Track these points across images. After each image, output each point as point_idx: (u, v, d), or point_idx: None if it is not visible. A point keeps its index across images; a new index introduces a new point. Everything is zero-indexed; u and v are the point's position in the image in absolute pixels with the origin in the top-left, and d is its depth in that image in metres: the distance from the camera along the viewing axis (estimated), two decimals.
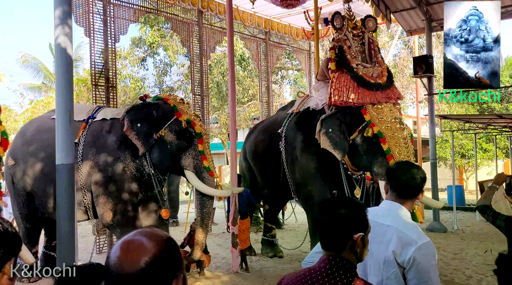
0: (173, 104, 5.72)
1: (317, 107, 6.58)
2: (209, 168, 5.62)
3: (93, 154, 5.78)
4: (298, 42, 13.71)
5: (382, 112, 5.58)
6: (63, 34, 3.74)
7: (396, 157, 5.31)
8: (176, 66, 20.71)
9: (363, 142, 5.59)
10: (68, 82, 3.76)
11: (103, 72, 8.22)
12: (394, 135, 5.42)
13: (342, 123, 5.75)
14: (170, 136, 5.60)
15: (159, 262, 1.04)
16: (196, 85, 10.38)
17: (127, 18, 8.80)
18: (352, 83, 5.74)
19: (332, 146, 5.70)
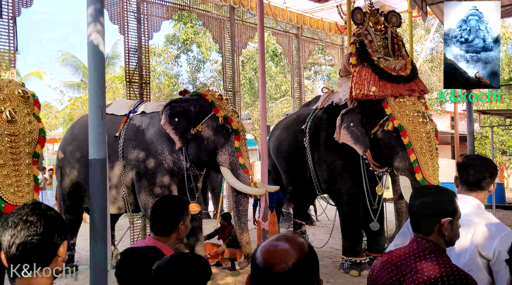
0: (211, 100, 5.71)
1: (340, 102, 6.52)
2: (245, 165, 5.58)
3: (133, 147, 5.93)
4: (330, 37, 13.53)
5: (404, 106, 5.48)
6: (95, 31, 3.81)
7: (417, 152, 5.21)
8: (209, 63, 20.89)
9: (384, 136, 5.51)
10: (100, 78, 3.82)
11: (137, 69, 8.36)
12: (416, 129, 5.32)
13: (364, 117, 5.68)
14: (207, 132, 5.62)
15: (303, 265, 1.15)
16: (228, 81, 10.42)
17: (160, 16, 8.93)
18: (373, 76, 5.65)
19: (353, 140, 5.62)
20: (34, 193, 3.63)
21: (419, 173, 5.18)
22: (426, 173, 5.19)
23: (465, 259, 2.05)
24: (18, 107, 3.77)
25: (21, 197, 3.52)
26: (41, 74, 22.71)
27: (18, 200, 3.49)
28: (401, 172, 5.37)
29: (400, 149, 5.35)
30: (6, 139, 3.55)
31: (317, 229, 10.02)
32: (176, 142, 5.60)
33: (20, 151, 3.62)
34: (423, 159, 5.22)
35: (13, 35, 6.79)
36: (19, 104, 3.80)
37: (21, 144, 3.62)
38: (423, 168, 5.20)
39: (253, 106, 20.12)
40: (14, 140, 3.59)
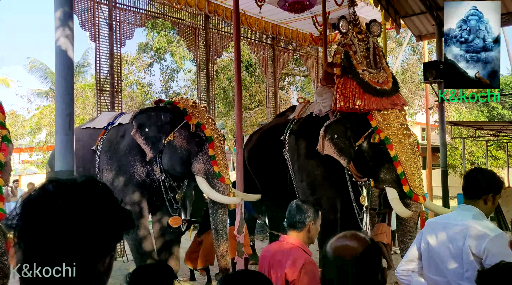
0: (183, 107, 5.55)
1: (320, 114, 6.44)
2: (220, 173, 5.41)
3: (107, 159, 5.74)
4: (305, 48, 13.58)
5: (388, 118, 5.51)
6: (63, 36, 3.62)
7: (403, 164, 5.24)
8: (183, 72, 20.66)
9: (370, 148, 5.49)
10: (68, 85, 3.63)
11: (108, 77, 8.12)
12: (401, 142, 5.34)
13: (348, 129, 5.65)
14: (180, 141, 5.45)
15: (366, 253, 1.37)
16: (202, 91, 10.27)
17: (133, 23, 8.73)
18: (358, 89, 5.64)
19: (337, 152, 5.58)
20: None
21: (406, 185, 5.19)
22: (412, 184, 5.21)
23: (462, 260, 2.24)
24: None
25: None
26: (8, 81, 22.01)
27: None
28: (388, 184, 5.35)
29: (387, 161, 5.33)
30: None
31: None
32: (147, 152, 5.40)
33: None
34: (409, 171, 5.24)
35: None
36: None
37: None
38: (410, 180, 5.21)
39: (227, 116, 19.99)
40: None
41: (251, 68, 19.07)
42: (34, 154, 20.39)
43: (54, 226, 0.80)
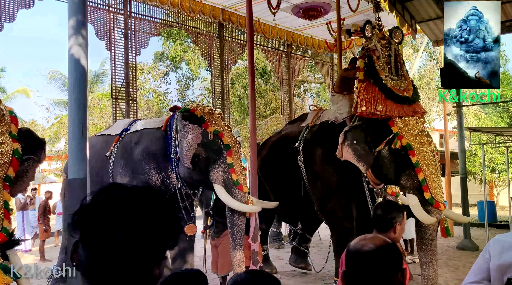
0: (200, 115, 5.47)
1: (336, 121, 6.38)
2: (238, 181, 5.32)
3: (121, 165, 5.72)
4: (320, 54, 13.51)
5: (409, 125, 5.48)
6: (76, 44, 3.65)
7: (425, 170, 5.18)
8: (198, 80, 20.78)
9: (390, 154, 5.43)
10: (81, 93, 3.64)
11: (124, 86, 8.18)
12: (422, 148, 5.29)
13: (368, 134, 5.59)
14: (198, 149, 5.37)
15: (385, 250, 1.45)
16: (217, 99, 10.27)
17: (148, 32, 8.80)
18: (380, 95, 5.61)
19: (357, 158, 5.52)
20: (3, 220, 3.34)
21: (427, 192, 5.14)
22: (434, 191, 5.15)
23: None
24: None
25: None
26: (28, 91, 22.42)
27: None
28: (409, 190, 5.30)
29: (408, 167, 5.29)
30: None
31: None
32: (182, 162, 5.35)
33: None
34: (430, 177, 5.19)
35: None
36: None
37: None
38: (431, 186, 5.16)
39: (243, 123, 19.99)
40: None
41: (266, 76, 19.09)
42: (53, 162, 20.67)
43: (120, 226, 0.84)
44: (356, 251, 1.49)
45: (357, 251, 1.49)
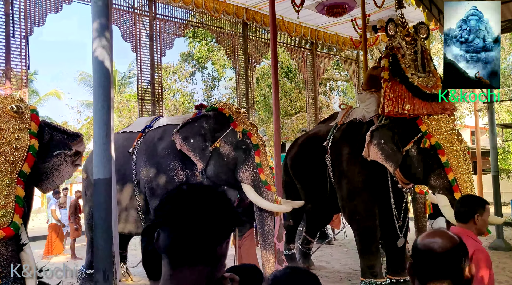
0: (228, 114, 5.46)
1: (364, 119, 6.29)
2: (267, 181, 5.30)
3: (144, 162, 5.73)
4: (346, 52, 13.36)
5: (438, 123, 5.34)
6: (100, 46, 3.70)
7: (455, 170, 5.04)
8: (224, 80, 20.90)
9: (419, 154, 5.33)
10: (106, 94, 3.70)
11: (149, 87, 8.30)
12: (452, 147, 5.15)
13: (395, 134, 5.49)
14: (226, 148, 5.37)
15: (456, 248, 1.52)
16: (242, 98, 10.30)
17: (173, 33, 8.89)
18: (407, 93, 5.51)
19: (384, 157, 5.40)
20: (14, 215, 3.40)
21: (457, 192, 5.00)
22: (464, 191, 4.98)
23: None
24: (7, 123, 3.57)
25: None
26: (59, 93, 23.02)
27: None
28: (439, 190, 5.19)
29: (437, 167, 5.17)
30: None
31: (335, 248, 9.70)
32: (197, 163, 5.33)
33: (2, 170, 3.43)
34: (461, 177, 5.06)
35: (25, 54, 6.79)
36: (9, 120, 3.60)
37: (3, 163, 3.42)
38: (462, 186, 5.02)
39: (268, 122, 19.99)
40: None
41: (291, 74, 19.02)
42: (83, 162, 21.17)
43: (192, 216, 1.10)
44: (423, 246, 1.56)
45: (424, 246, 1.56)
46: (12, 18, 6.66)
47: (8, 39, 6.55)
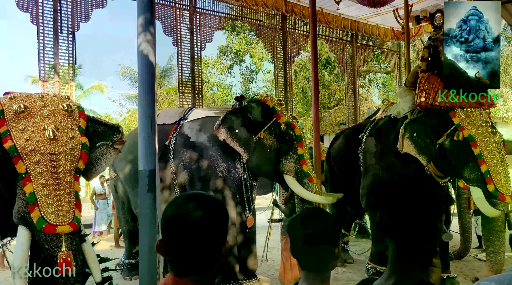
0: (272, 105, 5.49)
1: (398, 115, 6.32)
2: (309, 173, 5.36)
3: (183, 153, 5.75)
4: (387, 43, 13.06)
5: (472, 116, 5.32)
6: (145, 41, 3.78)
7: (488, 162, 5.05)
8: (261, 73, 20.92)
9: (452, 146, 5.31)
10: (150, 88, 3.78)
11: (190, 80, 8.42)
12: (486, 139, 5.13)
13: (428, 126, 5.48)
14: (270, 139, 5.39)
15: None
16: (280, 91, 10.28)
17: (213, 26, 8.97)
18: (442, 86, 5.48)
19: (417, 150, 5.42)
20: (75, 210, 3.54)
21: (491, 184, 5.00)
22: (498, 183, 4.99)
23: None
24: (61, 122, 3.68)
25: (60, 216, 3.44)
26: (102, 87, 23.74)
27: (58, 220, 3.42)
28: (473, 183, 5.18)
29: (471, 159, 5.15)
30: (47, 158, 3.50)
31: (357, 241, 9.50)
32: (242, 154, 5.38)
33: (61, 169, 3.54)
34: (494, 169, 5.04)
35: (73, 49, 7.03)
36: (62, 119, 3.71)
37: (62, 163, 3.54)
38: (495, 178, 5.01)
39: (306, 115, 19.88)
40: (56, 158, 3.52)
41: (330, 67, 18.80)
42: None
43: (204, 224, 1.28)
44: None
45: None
46: (60, 14, 6.91)
47: (56, 34, 6.81)
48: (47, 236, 3.41)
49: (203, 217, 1.26)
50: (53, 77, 6.85)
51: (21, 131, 3.52)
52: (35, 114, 3.63)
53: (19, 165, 3.45)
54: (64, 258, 3.40)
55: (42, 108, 3.69)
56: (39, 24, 6.72)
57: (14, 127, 3.54)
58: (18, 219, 3.51)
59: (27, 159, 3.45)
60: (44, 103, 3.73)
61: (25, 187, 3.43)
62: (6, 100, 3.67)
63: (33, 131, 3.55)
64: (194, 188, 5.67)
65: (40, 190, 3.43)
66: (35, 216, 3.41)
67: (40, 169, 3.46)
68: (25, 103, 3.65)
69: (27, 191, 3.43)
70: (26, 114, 3.60)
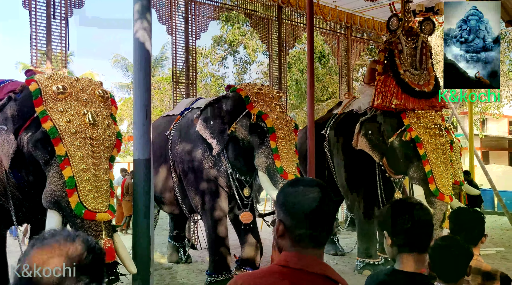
0: (245, 95, 5.22)
1: (359, 111, 6.64)
2: (282, 169, 4.89)
3: (178, 144, 5.72)
4: (381, 37, 13.03)
5: (422, 118, 5.75)
6: (141, 28, 3.74)
7: (432, 163, 5.44)
8: (255, 64, 20.82)
9: (401, 146, 5.72)
10: (146, 77, 3.74)
11: (184, 69, 8.34)
12: (432, 141, 5.53)
13: (381, 126, 5.93)
14: (242, 132, 5.16)
15: None
16: (275, 83, 10.22)
17: (208, 16, 8.87)
18: (397, 89, 5.87)
19: (370, 148, 5.89)
20: (110, 199, 3.46)
21: (432, 184, 5.40)
22: (439, 183, 5.40)
23: None
24: (98, 108, 3.58)
25: (100, 203, 3.32)
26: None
27: (97, 206, 3.31)
28: (416, 181, 5.59)
29: (416, 159, 5.59)
30: (88, 143, 3.37)
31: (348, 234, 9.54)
32: (213, 146, 5.18)
33: (100, 156, 3.43)
34: (437, 170, 5.45)
35: (65, 35, 6.91)
36: (99, 105, 3.61)
37: (101, 149, 3.44)
38: (437, 178, 5.41)
39: (299, 108, 19.85)
40: (95, 144, 3.41)
41: (324, 59, 18.76)
42: None
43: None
44: None
45: None
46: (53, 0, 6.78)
47: (49, 20, 6.68)
48: (85, 223, 3.27)
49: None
50: (44, 63, 6.74)
51: (60, 113, 3.38)
52: (73, 97, 3.49)
53: (59, 147, 3.29)
54: (109, 246, 3.26)
55: (80, 91, 3.55)
56: (31, 8, 6.59)
57: (52, 108, 3.39)
58: (50, 203, 3.35)
59: (68, 142, 3.31)
60: (81, 87, 3.59)
61: (63, 170, 3.27)
62: (43, 80, 3.51)
63: (73, 114, 3.41)
64: (187, 178, 5.65)
65: (80, 175, 3.29)
66: (74, 201, 3.26)
67: (81, 153, 3.33)
68: (63, 84, 3.50)
69: (65, 175, 3.27)
70: (65, 96, 3.45)
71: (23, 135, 3.44)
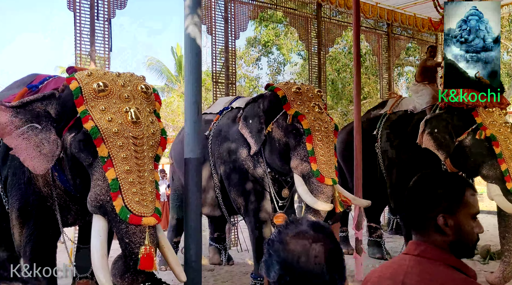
0: (282, 95, 5.00)
1: (415, 110, 6.50)
2: (319, 172, 4.64)
3: (218, 145, 5.62)
4: (422, 34, 12.65)
5: (492, 116, 5.63)
6: (192, 24, 3.64)
7: (508, 161, 5.39)
8: (289, 65, 20.66)
9: (473, 144, 5.56)
10: (196, 73, 3.65)
11: (223, 69, 8.28)
12: (506, 140, 5.46)
13: (449, 124, 5.74)
14: (278, 133, 4.98)
15: None
16: (314, 82, 10.03)
17: (247, 15, 8.79)
18: None
19: (436, 146, 5.71)
20: (156, 201, 3.22)
21: (510, 182, 5.31)
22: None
23: None
24: (141, 105, 3.33)
25: (145, 206, 3.09)
26: None
27: (143, 210, 3.07)
28: (491, 180, 5.43)
29: (491, 158, 5.45)
30: (131, 142, 3.16)
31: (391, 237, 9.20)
32: (252, 145, 5.05)
33: (144, 155, 3.20)
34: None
35: (108, 36, 6.95)
36: (142, 101, 3.36)
37: (145, 148, 3.21)
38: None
39: (335, 108, 19.55)
40: (139, 143, 3.19)
41: (361, 58, 18.41)
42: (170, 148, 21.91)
43: None
44: None
45: None
46: (96, 1, 6.82)
47: (93, 21, 6.73)
48: (130, 228, 3.05)
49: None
50: (88, 65, 6.79)
51: (101, 112, 3.20)
52: (115, 94, 3.30)
53: (101, 148, 3.12)
54: (148, 254, 3.02)
55: (121, 88, 3.35)
56: (75, 10, 6.66)
57: (94, 107, 3.23)
58: (95, 208, 3.19)
59: (110, 142, 3.13)
60: (123, 82, 3.39)
61: (107, 173, 3.10)
62: (83, 77, 3.35)
63: (115, 112, 3.22)
64: (230, 180, 5.54)
65: (124, 177, 3.10)
66: (118, 205, 3.06)
67: (124, 154, 3.13)
68: (104, 81, 3.31)
69: (109, 177, 3.10)
70: (106, 94, 3.27)
71: (66, 136, 3.33)
